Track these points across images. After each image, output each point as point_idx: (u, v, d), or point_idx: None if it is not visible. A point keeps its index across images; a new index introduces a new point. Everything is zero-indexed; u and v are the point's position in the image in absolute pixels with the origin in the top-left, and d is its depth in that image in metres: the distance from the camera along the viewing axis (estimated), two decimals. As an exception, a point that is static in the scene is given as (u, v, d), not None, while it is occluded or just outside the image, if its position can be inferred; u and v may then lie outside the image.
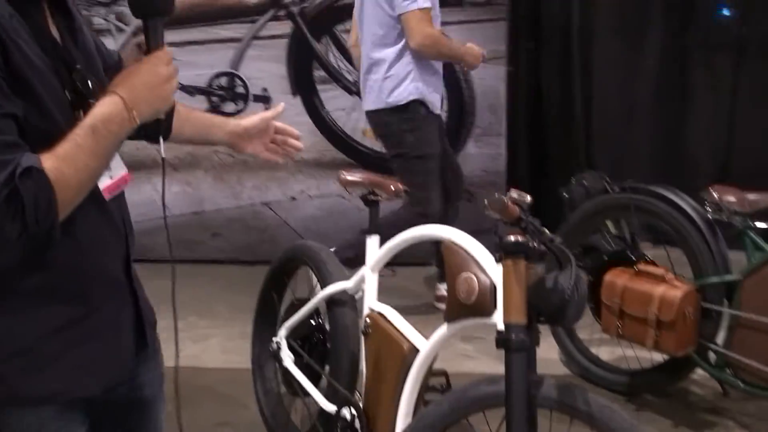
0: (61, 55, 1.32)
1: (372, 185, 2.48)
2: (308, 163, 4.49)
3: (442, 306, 4.15)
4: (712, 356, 2.89)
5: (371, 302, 2.35)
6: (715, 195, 2.82)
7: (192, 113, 1.78)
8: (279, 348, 2.71)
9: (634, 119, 4.51)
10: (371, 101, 3.74)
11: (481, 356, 3.58)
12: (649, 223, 3.08)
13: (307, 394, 2.61)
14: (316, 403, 2.52)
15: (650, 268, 2.84)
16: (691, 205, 2.93)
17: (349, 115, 4.38)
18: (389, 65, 3.64)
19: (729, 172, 4.79)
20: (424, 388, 2.17)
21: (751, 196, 2.77)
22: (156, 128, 1.39)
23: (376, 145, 4.43)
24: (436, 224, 2.26)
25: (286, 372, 2.71)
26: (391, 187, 2.46)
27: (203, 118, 1.84)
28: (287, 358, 2.68)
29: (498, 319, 1.81)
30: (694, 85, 4.70)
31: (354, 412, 2.30)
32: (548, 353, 3.54)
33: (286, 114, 1.90)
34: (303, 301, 2.75)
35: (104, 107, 1.26)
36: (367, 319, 2.30)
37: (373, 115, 3.77)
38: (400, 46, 3.62)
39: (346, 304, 2.49)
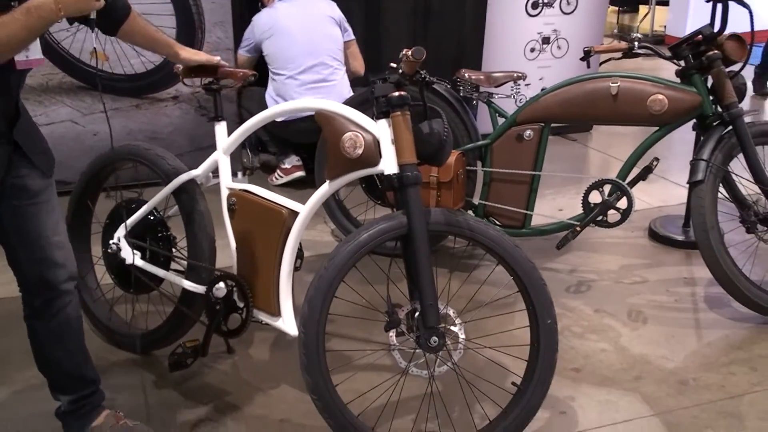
0: None
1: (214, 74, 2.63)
2: (33, 90, 4.22)
3: (285, 178, 4.69)
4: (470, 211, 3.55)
5: (228, 183, 2.54)
6: (466, 75, 3.43)
7: (147, 29, 2.39)
8: (119, 248, 2.75)
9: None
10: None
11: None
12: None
13: (160, 283, 2.72)
14: (177, 289, 2.65)
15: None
16: (443, 86, 3.50)
17: (75, 35, 4.23)
18: None
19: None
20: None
21: (495, 74, 3.42)
22: (87, 22, 1.98)
23: (106, 66, 4.36)
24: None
25: (125, 272, 2.77)
26: (240, 73, 2.65)
27: (157, 37, 2.45)
28: (132, 256, 2.74)
29: (385, 165, 2.18)
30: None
31: (230, 284, 2.50)
32: (322, 236, 3.97)
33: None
34: (132, 201, 2.81)
35: None
36: (232, 198, 2.50)
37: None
38: None
39: (196, 191, 2.64)
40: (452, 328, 2.26)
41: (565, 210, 4.20)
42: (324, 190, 2.32)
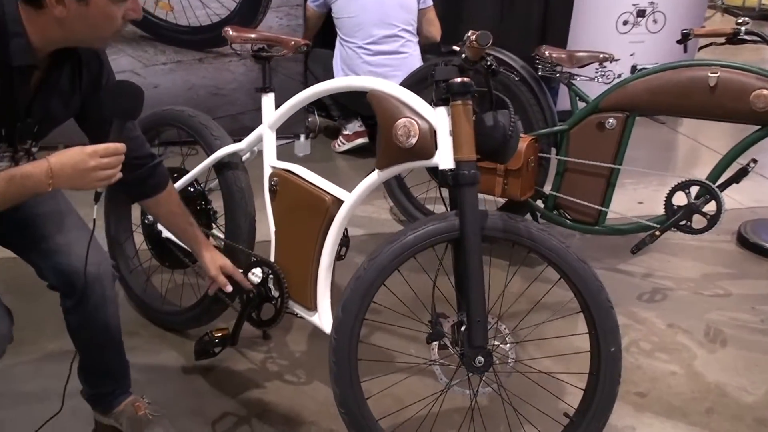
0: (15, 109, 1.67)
1: (265, 41, 2.41)
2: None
3: (348, 144, 4.45)
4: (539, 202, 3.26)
5: (272, 161, 2.33)
6: (546, 52, 3.11)
7: (176, 216, 2.17)
8: (155, 220, 2.58)
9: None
10: None
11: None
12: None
13: (195, 261, 2.54)
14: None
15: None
16: (519, 63, 3.20)
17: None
18: None
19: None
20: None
21: (578, 54, 3.10)
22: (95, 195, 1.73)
23: (171, 17, 4.19)
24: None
25: (161, 245, 2.61)
26: (292, 42, 2.42)
27: (185, 229, 2.22)
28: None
29: (440, 159, 1.93)
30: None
31: (266, 271, 2.30)
32: (379, 213, 3.74)
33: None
34: (174, 170, 2.63)
35: (32, 166, 1.61)
36: (275, 177, 2.28)
37: None
38: None
39: (238, 166, 2.44)
40: (502, 345, 2.02)
41: (646, 203, 3.87)
42: (372, 179, 2.08)
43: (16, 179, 1.59)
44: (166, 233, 2.57)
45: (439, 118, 1.92)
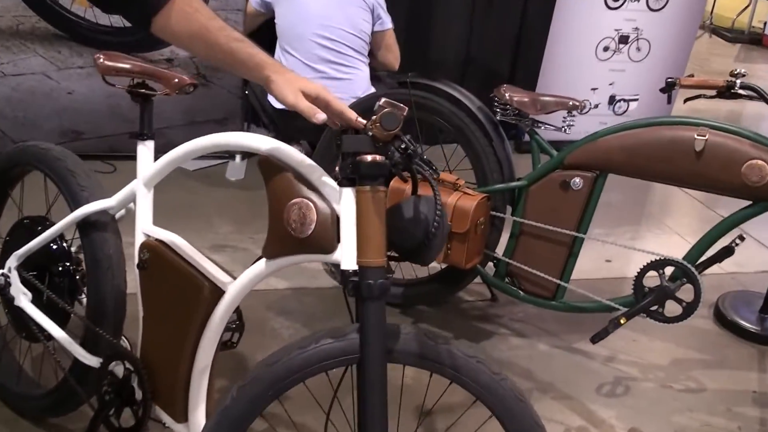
0: None
1: (144, 75, 1.93)
2: (1, 33, 3.60)
3: None
4: (490, 265, 2.80)
5: (146, 227, 1.84)
6: (506, 95, 2.65)
7: (209, 31, 1.43)
8: (8, 283, 2.09)
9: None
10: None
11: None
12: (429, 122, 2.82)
13: (50, 338, 2.06)
14: (68, 353, 1.99)
15: (441, 176, 2.61)
16: (476, 105, 2.74)
17: (55, -26, 3.57)
18: None
19: (466, 77, 4.66)
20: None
21: (543, 98, 2.64)
22: None
23: (89, 14, 3.68)
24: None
25: (18, 313, 2.12)
26: (175, 79, 1.94)
27: (249, 60, 1.47)
28: (21, 296, 2.08)
29: (342, 256, 1.46)
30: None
31: (129, 366, 1.83)
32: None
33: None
34: (37, 221, 2.14)
35: None
36: (145, 250, 1.80)
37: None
38: None
39: (107, 227, 1.95)
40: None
41: (614, 262, 3.43)
42: (259, 269, 1.61)
43: None
44: (19, 301, 2.07)
45: (345, 201, 1.45)
